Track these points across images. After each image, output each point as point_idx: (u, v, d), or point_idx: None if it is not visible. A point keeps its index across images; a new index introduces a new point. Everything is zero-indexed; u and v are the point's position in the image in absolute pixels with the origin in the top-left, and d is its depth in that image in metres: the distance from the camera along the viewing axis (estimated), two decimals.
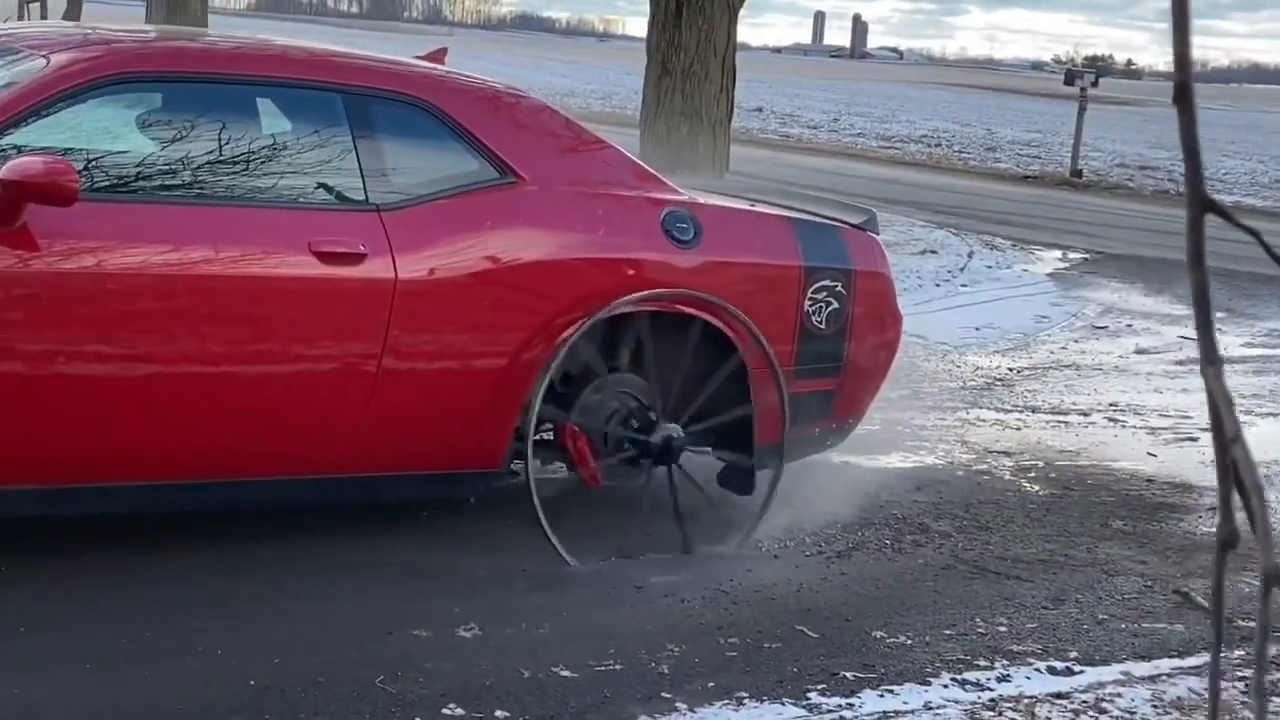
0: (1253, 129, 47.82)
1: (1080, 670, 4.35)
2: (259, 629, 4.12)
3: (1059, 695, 4.15)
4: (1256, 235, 1.19)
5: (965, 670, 4.26)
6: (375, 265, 4.55)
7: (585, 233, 4.97)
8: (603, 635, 4.26)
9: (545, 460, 5.17)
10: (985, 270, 12.93)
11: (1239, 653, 4.47)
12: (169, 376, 4.32)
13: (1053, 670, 4.33)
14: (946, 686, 4.14)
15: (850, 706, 3.95)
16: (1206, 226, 1.16)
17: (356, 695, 3.72)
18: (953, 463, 6.64)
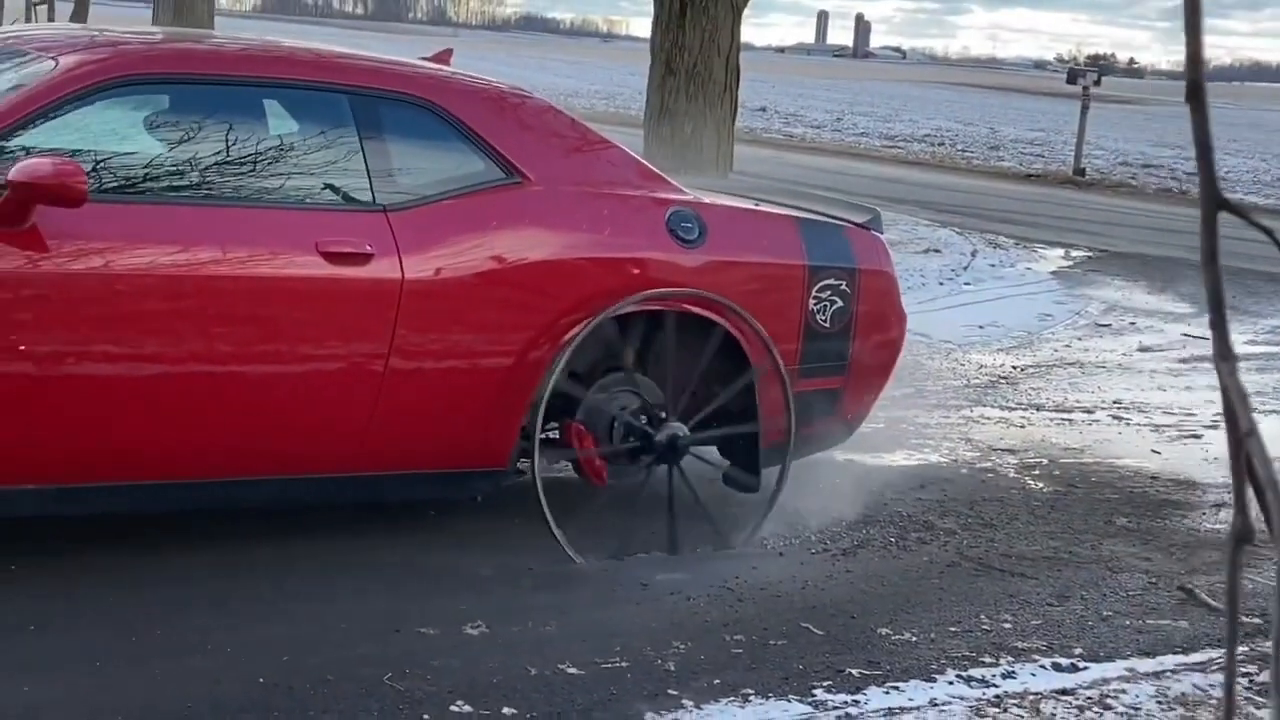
0: (1255, 127, 47.76)
1: (1085, 667, 4.35)
2: (265, 628, 4.13)
3: (1064, 692, 4.15)
4: (1269, 233, 1.19)
5: (970, 667, 4.26)
6: (382, 265, 4.56)
7: (591, 232, 4.97)
8: (609, 633, 4.27)
9: (551, 459, 5.18)
10: (989, 269, 12.93)
11: (1242, 649, 4.47)
12: (177, 376, 4.33)
13: (1058, 667, 4.33)
14: (952, 683, 4.14)
15: (856, 703, 3.95)
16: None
17: (365, 692, 3.73)
18: (957, 460, 6.64)
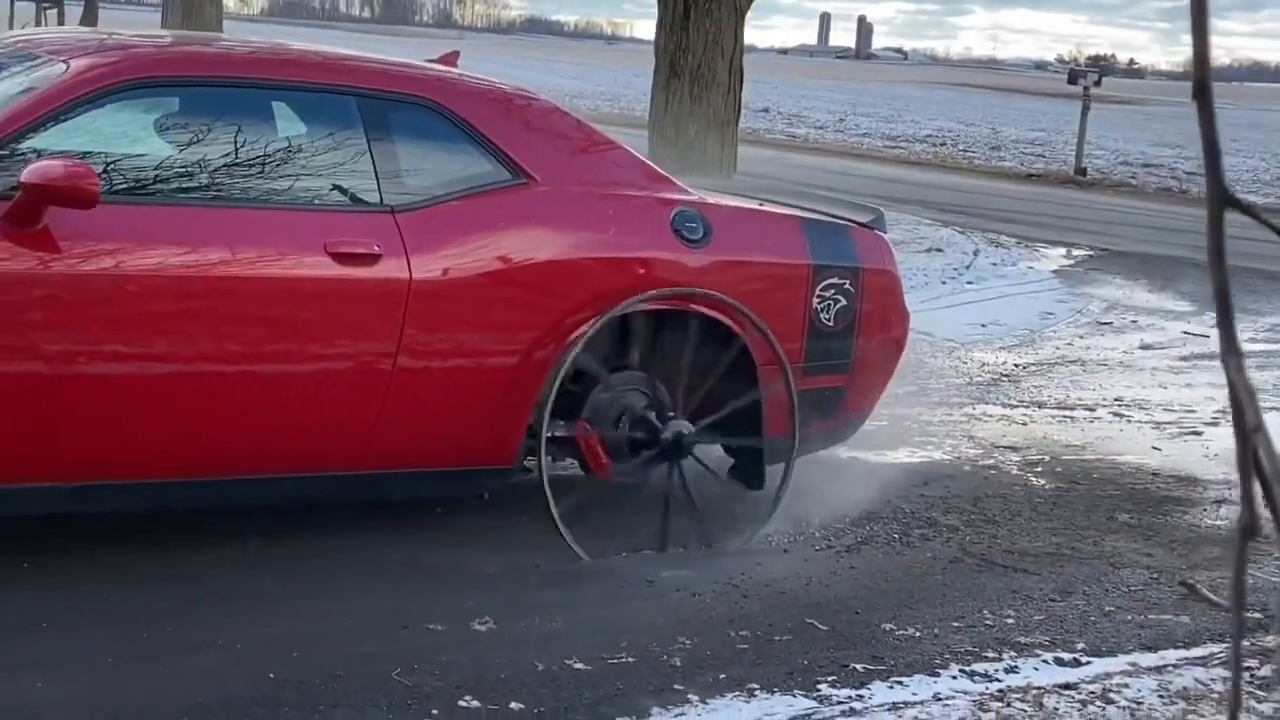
0: (1254, 126, 47.72)
1: (1087, 661, 4.35)
2: (273, 625, 4.13)
3: (1066, 686, 4.15)
4: (1277, 230, 1.20)
5: (974, 662, 4.26)
6: (390, 266, 4.56)
7: (596, 233, 4.97)
8: (615, 629, 4.27)
9: (558, 457, 5.18)
10: (991, 268, 12.93)
11: (1242, 644, 4.47)
12: (187, 376, 4.33)
13: (1060, 661, 4.33)
14: (955, 678, 4.14)
15: (860, 698, 3.95)
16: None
17: (374, 688, 3.73)
18: (960, 458, 6.64)
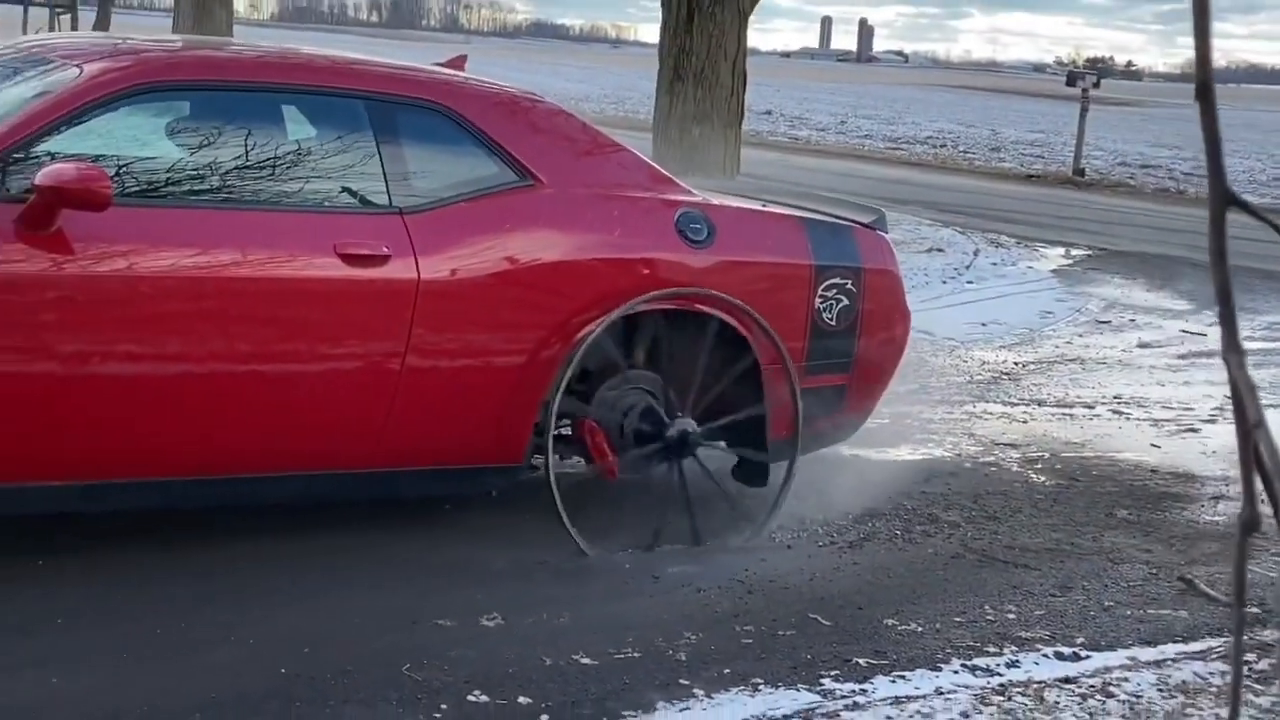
0: (1250, 127, 47.65)
1: (1087, 655, 4.34)
2: (285, 621, 4.13)
3: (1067, 680, 4.14)
4: (1278, 228, 1.19)
5: (975, 656, 4.26)
6: (398, 266, 4.57)
7: (602, 233, 4.97)
8: (622, 624, 4.27)
9: (564, 455, 5.18)
10: (991, 267, 12.93)
11: (1243, 638, 4.46)
12: (199, 376, 4.33)
13: (1060, 656, 4.32)
14: (957, 672, 4.14)
15: (863, 692, 3.95)
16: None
17: (384, 683, 3.74)
18: (961, 455, 6.64)
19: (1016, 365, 8.86)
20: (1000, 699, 3.97)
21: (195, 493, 4.54)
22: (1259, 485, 1.13)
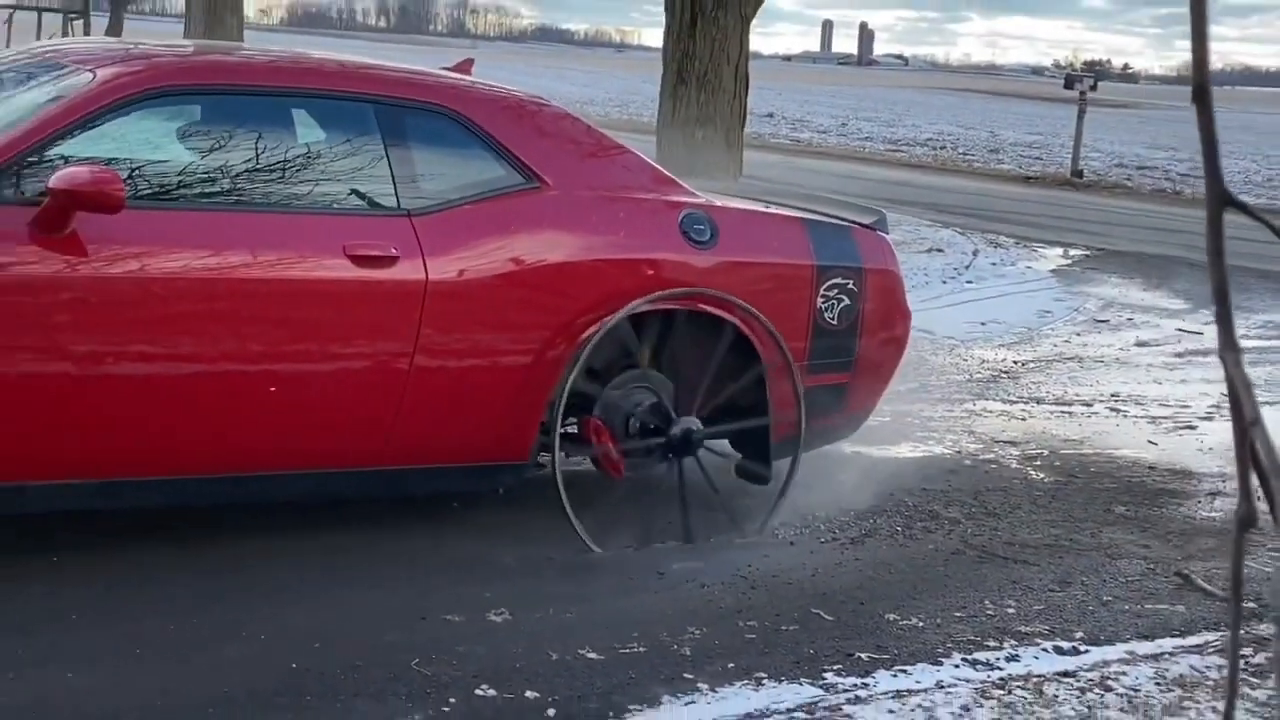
0: (1246, 129, 47.59)
1: (1086, 650, 4.34)
2: (295, 617, 4.13)
3: (1066, 674, 4.14)
4: (1274, 228, 1.19)
5: (975, 650, 4.26)
6: (407, 268, 4.57)
7: (606, 235, 4.97)
8: (627, 620, 4.27)
9: (570, 453, 5.18)
10: (990, 267, 12.92)
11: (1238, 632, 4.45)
12: (211, 376, 4.34)
13: (1060, 650, 4.32)
14: (957, 666, 4.14)
15: (865, 686, 3.95)
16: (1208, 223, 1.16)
17: (393, 677, 3.74)
18: (961, 452, 6.63)
19: (1015, 364, 8.86)
20: (1000, 692, 3.97)
21: (207, 490, 4.54)
22: (1255, 482, 1.13)
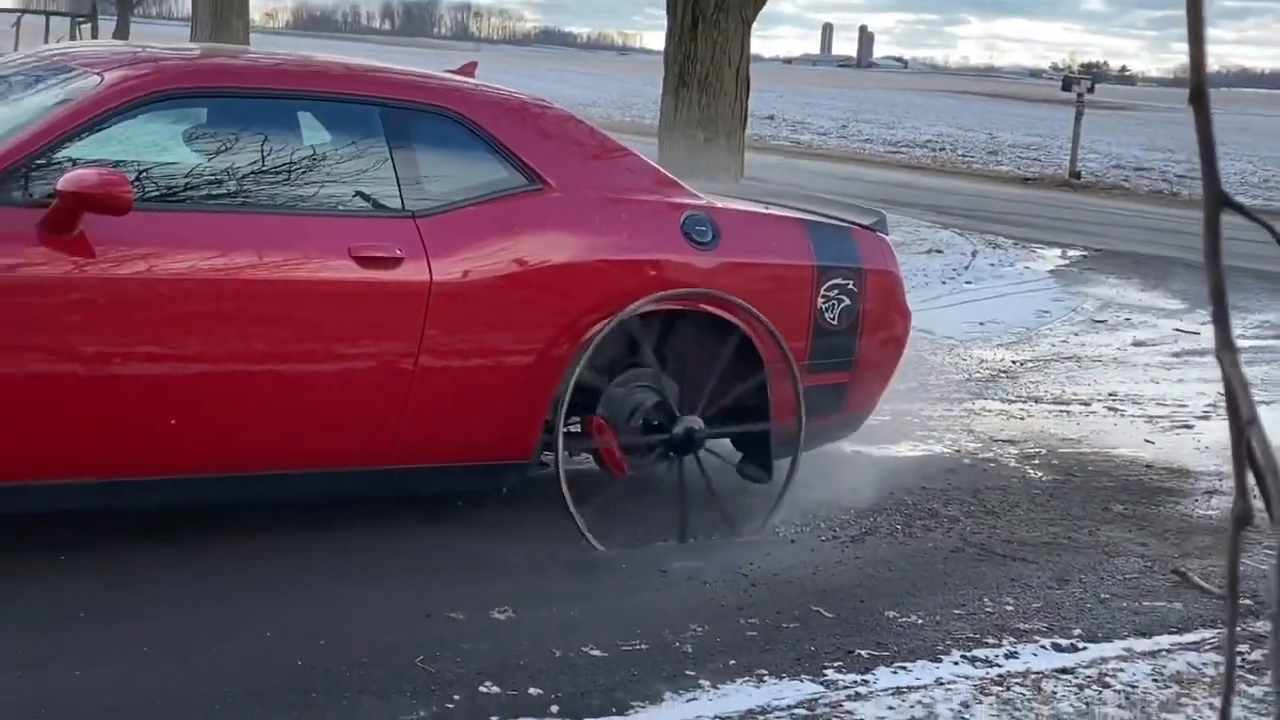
0: (1242, 131, 47.54)
1: (1084, 647, 4.34)
2: (300, 615, 4.13)
3: (1064, 671, 4.14)
4: (1271, 229, 1.20)
5: (974, 648, 4.26)
6: (411, 269, 4.57)
7: (609, 236, 4.97)
8: (630, 617, 4.27)
9: (574, 452, 5.18)
10: (989, 268, 12.92)
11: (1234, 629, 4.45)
12: (217, 376, 4.34)
13: (1058, 647, 4.32)
14: (957, 663, 4.14)
15: (865, 683, 3.95)
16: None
17: (398, 675, 3.74)
18: (960, 451, 6.63)
19: (1014, 363, 8.86)
20: (999, 689, 3.97)
21: (213, 490, 4.54)
22: (1252, 480, 1.13)
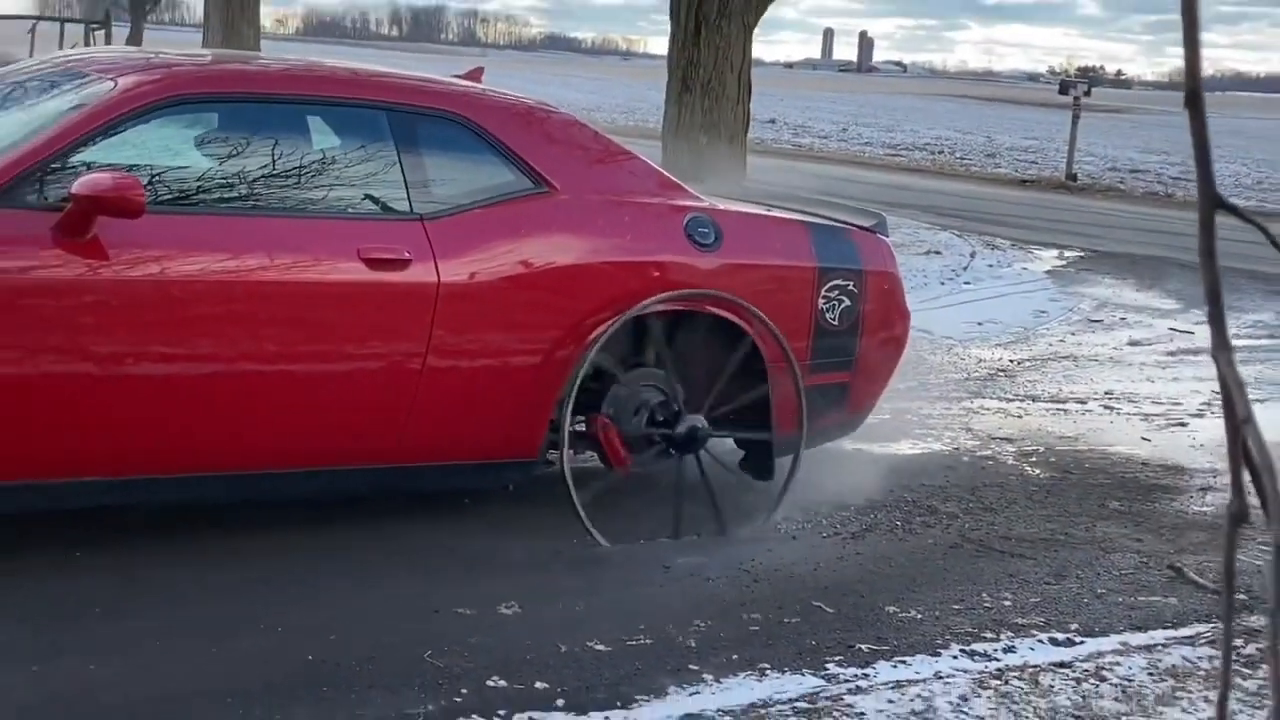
0: (1236, 134, 47.47)
1: (1081, 641, 4.34)
2: (311, 611, 4.13)
3: (1061, 665, 4.14)
4: (1265, 230, 1.20)
5: (973, 642, 4.26)
6: (419, 270, 4.57)
7: (614, 238, 4.98)
8: (634, 612, 4.27)
9: (579, 450, 5.18)
10: (987, 269, 12.91)
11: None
12: (228, 376, 4.34)
13: (1055, 641, 4.32)
14: (955, 657, 4.14)
15: (865, 677, 3.95)
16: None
17: (407, 669, 3.74)
18: (958, 449, 6.63)
19: (1012, 363, 8.85)
20: (997, 683, 3.97)
21: (224, 488, 4.54)
22: (1247, 478, 1.13)
